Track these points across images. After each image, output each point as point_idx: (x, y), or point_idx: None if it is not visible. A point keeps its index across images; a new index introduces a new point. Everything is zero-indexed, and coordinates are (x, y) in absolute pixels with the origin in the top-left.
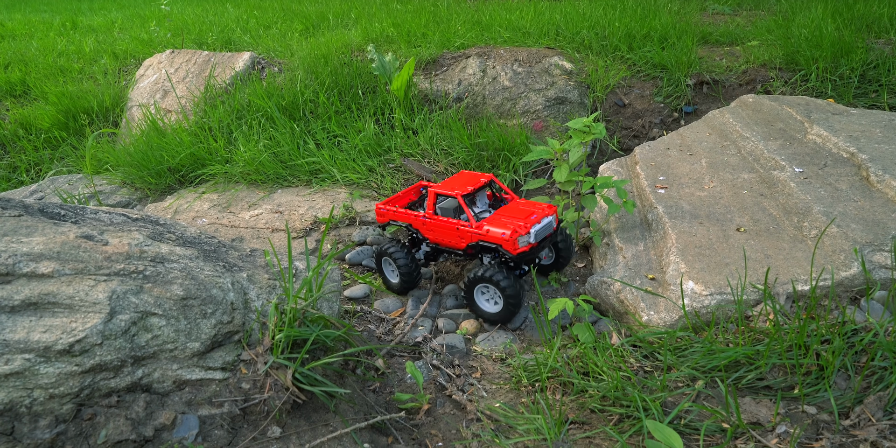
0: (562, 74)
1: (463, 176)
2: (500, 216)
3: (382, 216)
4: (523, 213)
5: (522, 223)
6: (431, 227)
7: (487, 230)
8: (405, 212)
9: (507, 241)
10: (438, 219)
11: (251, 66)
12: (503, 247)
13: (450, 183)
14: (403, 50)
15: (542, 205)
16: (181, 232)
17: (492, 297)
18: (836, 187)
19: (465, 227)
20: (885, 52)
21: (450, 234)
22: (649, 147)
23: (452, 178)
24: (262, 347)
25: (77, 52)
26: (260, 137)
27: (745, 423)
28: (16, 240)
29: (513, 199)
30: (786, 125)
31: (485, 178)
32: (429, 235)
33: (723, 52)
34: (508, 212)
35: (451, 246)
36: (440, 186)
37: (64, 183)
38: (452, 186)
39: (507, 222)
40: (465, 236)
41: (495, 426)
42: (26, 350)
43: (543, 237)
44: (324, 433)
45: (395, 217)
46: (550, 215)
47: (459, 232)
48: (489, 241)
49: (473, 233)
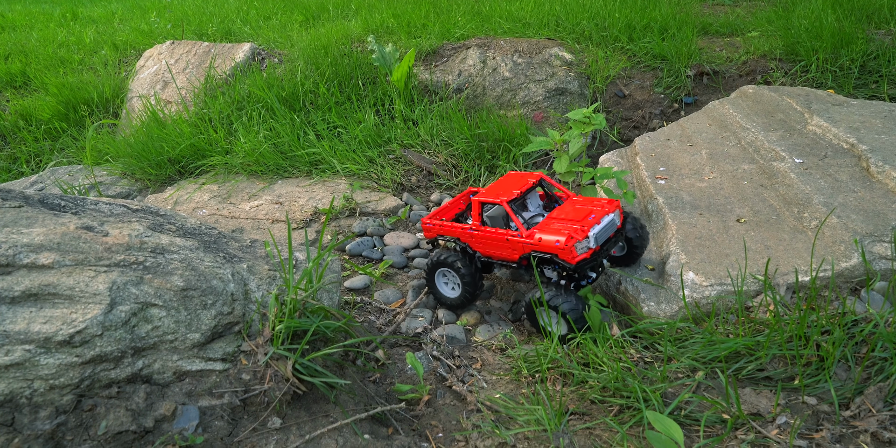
0: (562, 65)
1: (509, 178)
2: (554, 220)
3: (429, 231)
4: (580, 214)
5: (579, 226)
6: (480, 239)
7: (540, 239)
8: (451, 225)
9: (563, 250)
10: (486, 230)
11: (251, 57)
12: (559, 256)
13: (494, 188)
14: (404, 41)
15: (602, 201)
16: (181, 223)
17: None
18: (837, 178)
19: (514, 236)
20: (886, 43)
21: (500, 246)
22: (649, 138)
23: (498, 181)
24: (263, 338)
25: (77, 43)
26: (260, 128)
27: (745, 413)
28: (16, 231)
29: (568, 198)
30: (786, 116)
31: (533, 177)
32: (479, 249)
33: (723, 43)
34: (563, 213)
35: (503, 258)
36: (484, 194)
37: (64, 174)
38: (497, 192)
39: (560, 227)
40: (517, 247)
41: (495, 417)
42: (26, 341)
43: (606, 239)
44: (324, 424)
45: (441, 231)
46: (612, 212)
47: (510, 243)
48: (543, 251)
49: (525, 243)
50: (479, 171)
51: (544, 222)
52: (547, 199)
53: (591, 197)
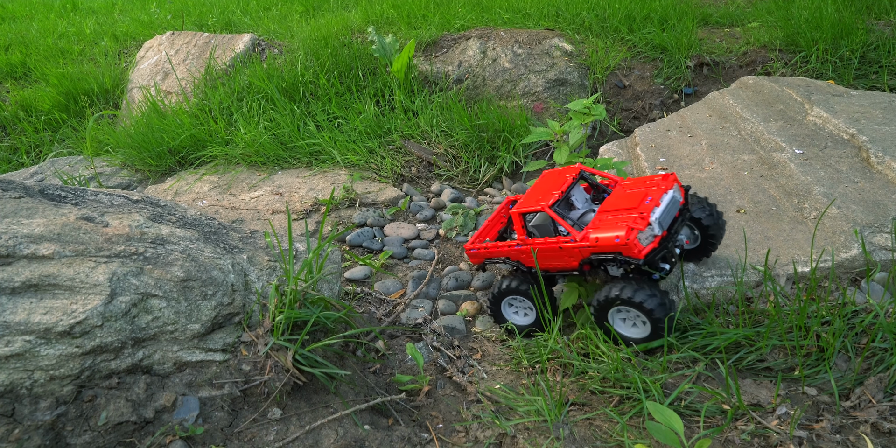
0: (562, 56)
1: (546, 179)
2: (606, 213)
3: (475, 256)
4: (634, 199)
5: (637, 213)
6: (531, 254)
7: (597, 239)
8: (496, 245)
9: (626, 245)
10: (534, 242)
11: (251, 48)
12: (623, 253)
13: (532, 194)
14: (404, 31)
15: (655, 178)
16: (181, 214)
17: (632, 319)
18: (837, 169)
19: (568, 242)
20: (886, 34)
21: (555, 256)
22: (649, 128)
23: (534, 185)
24: (263, 329)
25: (77, 34)
26: (260, 119)
27: (745, 404)
28: (16, 221)
29: (616, 184)
30: (786, 107)
31: (571, 172)
32: (532, 263)
33: (723, 34)
34: (615, 203)
35: (563, 268)
36: (522, 203)
37: (64, 165)
38: (535, 198)
39: (615, 220)
40: (573, 253)
41: (496, 408)
42: (27, 332)
43: (672, 220)
44: (324, 415)
45: (488, 254)
46: (671, 189)
47: (565, 250)
48: (604, 251)
49: (581, 247)
50: (480, 162)
51: (597, 218)
52: (593, 190)
53: (642, 177)
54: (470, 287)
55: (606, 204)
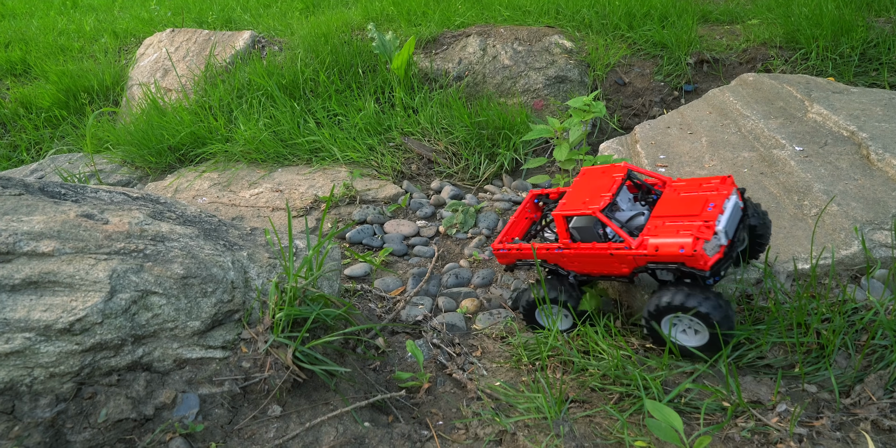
0: (562, 53)
1: (588, 178)
2: (663, 218)
3: (505, 257)
4: (694, 204)
5: (701, 221)
6: (574, 257)
7: (656, 247)
8: (532, 246)
9: (692, 257)
10: (581, 246)
11: (251, 45)
12: (687, 264)
13: (576, 194)
14: (404, 29)
15: (712, 180)
16: (181, 211)
17: (690, 327)
18: (837, 166)
19: (621, 249)
20: (886, 31)
21: (603, 263)
22: (649, 126)
23: (575, 183)
24: (263, 326)
25: (77, 31)
26: (260, 116)
27: (745, 401)
28: (16, 219)
29: (666, 185)
30: (786, 104)
31: (618, 172)
32: (574, 268)
33: (723, 31)
34: (671, 207)
35: (610, 275)
36: (567, 205)
37: (64, 162)
38: (580, 199)
39: (678, 227)
40: (626, 261)
41: (496, 405)
42: (27, 329)
43: (735, 228)
44: (324, 412)
45: (521, 255)
46: (732, 194)
47: (616, 257)
48: (664, 261)
49: (637, 255)
50: (480, 159)
51: (653, 224)
52: (637, 189)
53: (695, 178)
54: (470, 284)
55: (661, 208)
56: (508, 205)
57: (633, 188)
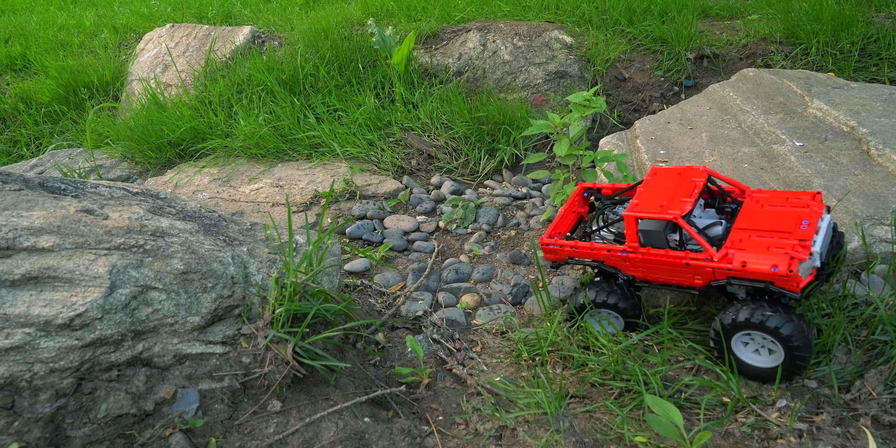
0: (562, 48)
1: (662, 178)
2: (750, 232)
3: (555, 254)
4: (785, 220)
5: (794, 240)
6: (641, 263)
7: (744, 262)
8: (590, 246)
9: (786, 277)
10: (652, 252)
11: (251, 41)
12: (776, 284)
13: (650, 195)
14: (404, 24)
15: (801, 196)
16: (181, 206)
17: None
18: (837, 161)
19: (699, 260)
20: (886, 26)
21: (675, 272)
22: (649, 121)
23: (647, 183)
24: (263, 321)
25: (77, 27)
26: (260, 111)
27: (745, 397)
28: (16, 214)
29: (745, 194)
30: (786, 99)
31: (698, 176)
32: (636, 273)
33: (723, 26)
34: (756, 219)
35: (678, 285)
36: (641, 206)
37: (64, 157)
38: (657, 202)
39: (765, 243)
40: (703, 273)
41: (496, 400)
42: (27, 324)
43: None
44: (324, 407)
45: (574, 254)
46: (826, 213)
47: (692, 268)
48: (749, 278)
49: (718, 268)
50: (480, 155)
51: (736, 236)
52: (709, 195)
53: (779, 191)
54: (470, 279)
55: (745, 219)
56: (508, 200)
57: (704, 194)
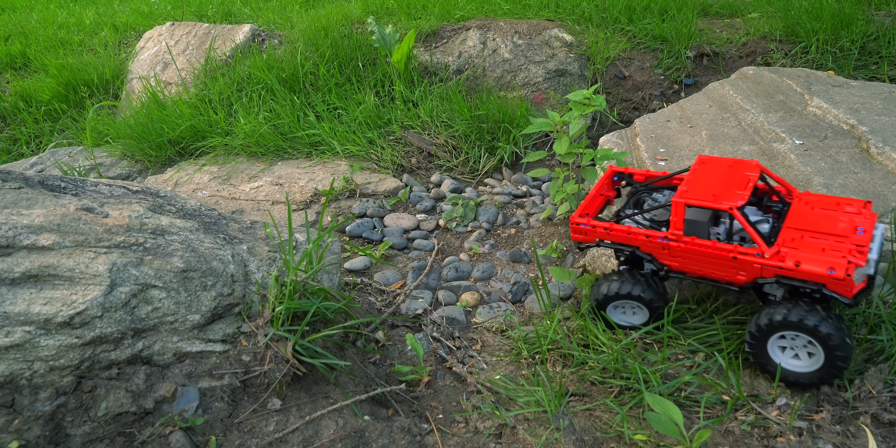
0: (562, 47)
1: (709, 168)
2: (800, 232)
3: (585, 234)
4: (840, 223)
5: (851, 245)
6: (681, 253)
7: (798, 262)
8: (626, 230)
9: (842, 281)
10: (697, 242)
11: (251, 39)
12: (828, 287)
13: (699, 184)
14: (404, 22)
15: (853, 202)
16: (181, 204)
17: (804, 349)
18: (837, 159)
19: (748, 255)
20: (886, 24)
21: (718, 265)
22: (649, 119)
23: (694, 172)
24: (263, 320)
25: (77, 25)
26: (260, 110)
27: (745, 395)
28: (16, 212)
29: (793, 195)
30: (786, 97)
31: (751, 170)
32: (673, 263)
33: (723, 25)
34: (809, 220)
35: (715, 278)
36: (690, 195)
37: (64, 155)
38: (709, 191)
39: (820, 245)
40: (750, 269)
41: (495, 398)
42: (27, 322)
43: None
44: (324, 405)
45: (607, 236)
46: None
47: (739, 262)
48: (801, 278)
49: (768, 266)
50: (479, 153)
51: (788, 235)
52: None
53: (829, 196)
54: (470, 278)
55: (796, 219)
56: (508, 198)
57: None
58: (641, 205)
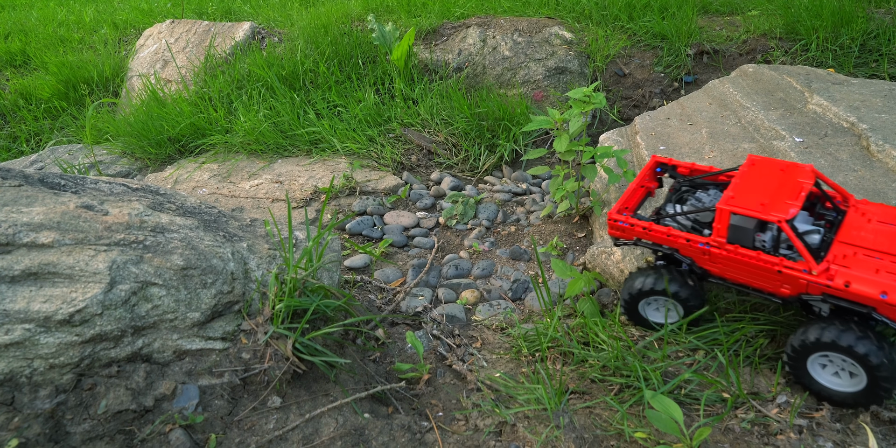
0: (562, 44)
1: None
2: (855, 248)
3: (623, 231)
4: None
5: None
6: (722, 260)
7: (847, 283)
8: (666, 231)
9: (893, 307)
10: (740, 252)
11: (251, 36)
12: (879, 311)
13: (748, 189)
14: (403, 20)
15: None
16: (181, 202)
17: (843, 369)
18: (837, 157)
19: (795, 270)
20: (886, 22)
21: (760, 276)
22: (649, 117)
23: (743, 175)
24: (263, 317)
25: (77, 22)
26: (260, 107)
27: (745, 392)
28: (16, 210)
29: (849, 203)
30: (786, 95)
31: (804, 177)
32: (713, 268)
33: (723, 22)
34: (864, 235)
35: (757, 288)
36: (737, 202)
37: (64, 153)
38: (757, 199)
39: (876, 264)
40: (795, 284)
41: (495, 396)
42: (26, 320)
43: None
44: (324, 403)
45: (645, 236)
46: None
47: (784, 276)
48: (849, 299)
49: (815, 282)
50: (479, 150)
51: (839, 251)
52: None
53: (887, 205)
54: (470, 275)
55: (849, 233)
56: (508, 196)
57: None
58: (684, 202)
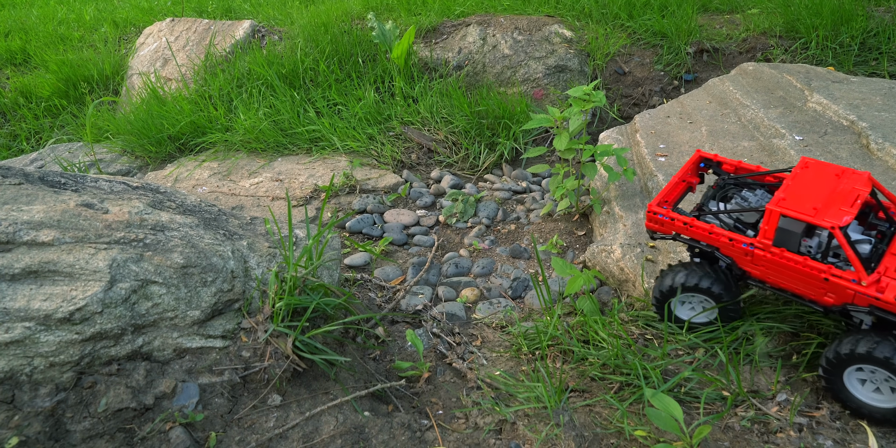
0: (562, 42)
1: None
2: None
3: (663, 225)
4: None
5: None
6: (766, 263)
7: None
8: (708, 228)
9: None
10: (785, 255)
11: (251, 35)
12: None
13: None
14: (404, 18)
15: None
16: (181, 200)
17: (886, 382)
18: (837, 155)
19: (843, 279)
20: (886, 20)
21: (804, 283)
22: (649, 115)
23: (796, 177)
24: (263, 315)
25: (77, 21)
26: (260, 106)
27: (745, 391)
28: (16, 208)
29: None
30: (786, 93)
31: (861, 184)
32: (754, 271)
33: (723, 20)
34: None
35: (798, 294)
36: (789, 204)
37: (64, 151)
38: (810, 202)
39: None
40: (842, 293)
41: (495, 394)
42: (26, 318)
43: None
44: (324, 401)
45: (686, 232)
46: None
47: (830, 285)
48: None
49: (863, 294)
50: (479, 149)
51: (892, 263)
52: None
53: None
54: (470, 273)
55: None
56: (508, 194)
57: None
58: (728, 200)
